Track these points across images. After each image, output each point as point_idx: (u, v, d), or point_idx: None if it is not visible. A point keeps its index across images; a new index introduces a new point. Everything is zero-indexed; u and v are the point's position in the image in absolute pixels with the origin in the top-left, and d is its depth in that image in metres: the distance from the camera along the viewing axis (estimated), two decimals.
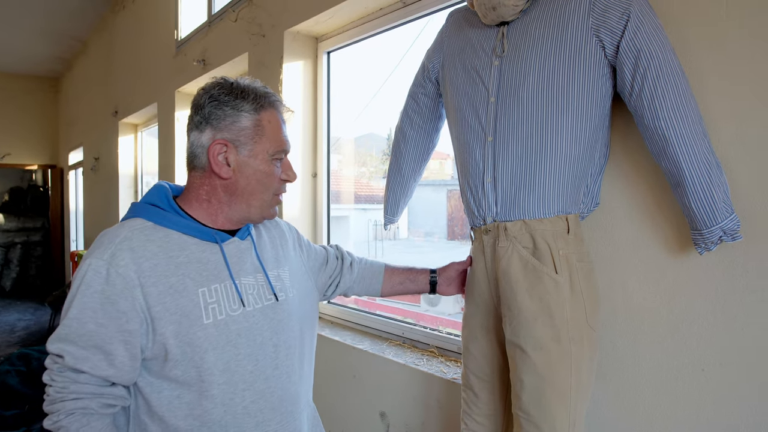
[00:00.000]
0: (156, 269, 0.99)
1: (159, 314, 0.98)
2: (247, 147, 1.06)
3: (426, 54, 1.54)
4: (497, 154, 1.24)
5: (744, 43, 1.09)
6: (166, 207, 1.06)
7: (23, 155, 8.29)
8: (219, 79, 1.09)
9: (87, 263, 0.97)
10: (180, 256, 1.02)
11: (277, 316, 1.12)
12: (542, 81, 1.19)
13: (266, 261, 1.16)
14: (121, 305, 0.96)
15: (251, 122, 1.06)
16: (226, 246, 1.08)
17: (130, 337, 0.97)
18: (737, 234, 1.06)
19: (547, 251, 1.20)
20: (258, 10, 2.76)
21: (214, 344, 1.01)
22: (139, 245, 0.99)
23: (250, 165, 1.06)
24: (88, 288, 0.96)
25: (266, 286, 1.12)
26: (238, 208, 1.09)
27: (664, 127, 1.08)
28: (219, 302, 1.04)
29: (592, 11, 1.15)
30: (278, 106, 1.11)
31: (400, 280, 1.47)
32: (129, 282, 0.96)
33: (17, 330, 6.17)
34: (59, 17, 5.74)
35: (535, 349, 1.17)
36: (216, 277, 1.05)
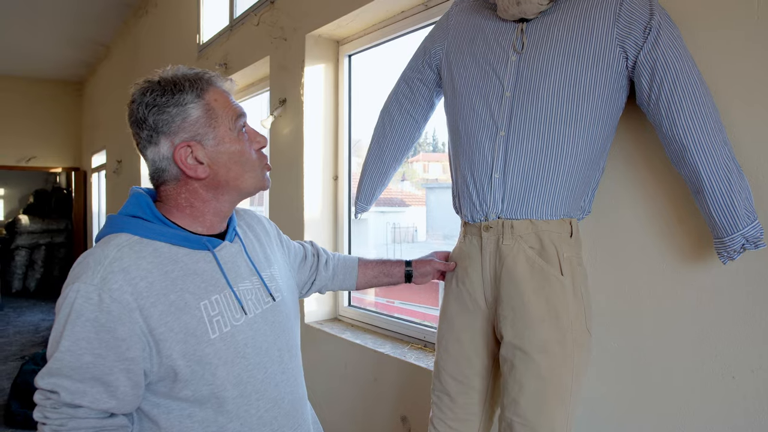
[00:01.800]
0: (153, 288, 0.91)
1: (163, 335, 0.91)
2: (210, 136, 0.99)
3: (427, 37, 1.49)
4: (509, 149, 1.22)
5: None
6: (150, 217, 0.98)
7: (48, 158, 8.45)
8: (143, 83, 1.00)
9: (74, 289, 0.88)
10: (174, 270, 0.95)
11: (276, 318, 1.09)
12: (564, 82, 1.18)
13: (258, 262, 1.11)
14: (120, 332, 0.88)
15: (201, 110, 0.98)
16: (218, 252, 1.02)
17: (131, 365, 0.90)
18: (761, 242, 1.04)
19: (554, 253, 1.19)
20: (280, 13, 2.77)
21: (224, 359, 0.96)
22: (131, 264, 0.91)
23: (221, 152, 1.00)
24: (80, 317, 0.87)
25: (262, 288, 1.08)
26: (228, 198, 1.04)
27: (681, 134, 1.07)
28: (222, 314, 0.98)
29: (618, 22, 1.14)
30: (215, 81, 1.03)
31: (374, 273, 1.45)
32: (126, 306, 0.88)
33: (41, 330, 6.29)
34: (85, 23, 5.85)
35: (540, 351, 1.16)
36: (214, 287, 0.99)
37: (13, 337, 5.93)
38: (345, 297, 2.65)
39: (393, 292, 3.08)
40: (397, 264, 1.45)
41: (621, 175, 1.31)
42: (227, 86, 1.06)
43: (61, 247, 9.22)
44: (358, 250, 2.66)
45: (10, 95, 7.98)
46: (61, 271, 9.15)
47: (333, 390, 2.39)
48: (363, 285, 1.45)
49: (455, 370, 1.32)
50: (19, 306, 7.78)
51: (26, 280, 8.94)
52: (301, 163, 2.57)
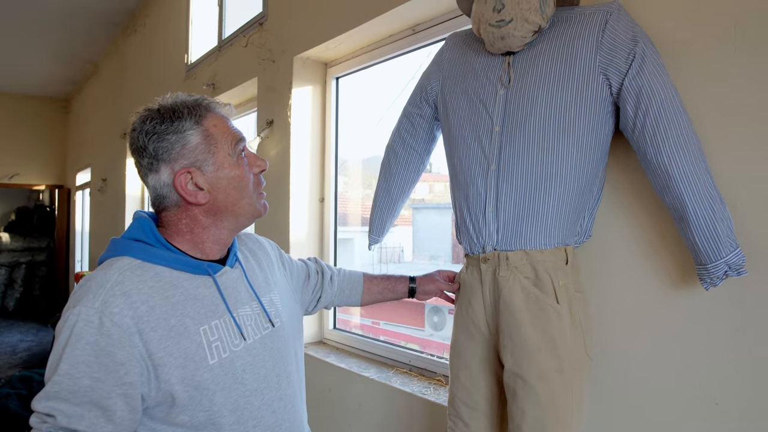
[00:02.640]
0: (153, 312, 0.91)
1: (162, 360, 0.91)
2: (209, 162, 1.00)
3: (423, 75, 1.53)
4: (500, 183, 1.24)
5: (748, 78, 1.09)
6: (153, 242, 0.99)
7: (31, 175, 8.35)
8: (143, 112, 1.01)
9: (75, 312, 0.88)
10: (175, 295, 0.95)
11: (275, 344, 1.08)
12: (549, 114, 1.19)
13: (258, 287, 1.11)
14: (119, 356, 0.88)
15: (200, 137, 0.99)
16: (219, 278, 1.03)
17: (129, 389, 0.89)
18: (742, 269, 1.05)
19: (549, 282, 1.20)
20: (268, 35, 2.79)
21: (222, 385, 0.96)
22: (132, 288, 0.91)
23: (221, 177, 1.01)
24: (80, 340, 0.86)
25: (262, 314, 1.08)
26: (226, 224, 1.05)
27: (666, 162, 1.08)
28: (221, 339, 0.98)
29: (600, 50, 1.16)
30: (214, 107, 1.04)
31: (379, 290, 1.46)
32: (126, 330, 0.88)
33: (19, 351, 6.15)
34: (73, 41, 5.84)
35: (539, 379, 1.17)
36: (214, 312, 0.99)
37: None
38: (330, 320, 2.62)
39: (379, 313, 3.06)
40: (401, 280, 1.47)
41: (607, 201, 1.32)
42: (226, 111, 1.06)
43: (42, 265, 9.07)
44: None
45: None
46: (42, 290, 8.99)
47: (317, 416, 2.34)
48: (368, 301, 1.47)
49: (466, 396, 1.34)
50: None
51: (5, 299, 8.77)
52: (287, 184, 2.56)
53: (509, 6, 1.20)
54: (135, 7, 4.98)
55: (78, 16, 5.15)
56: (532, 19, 1.19)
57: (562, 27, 1.24)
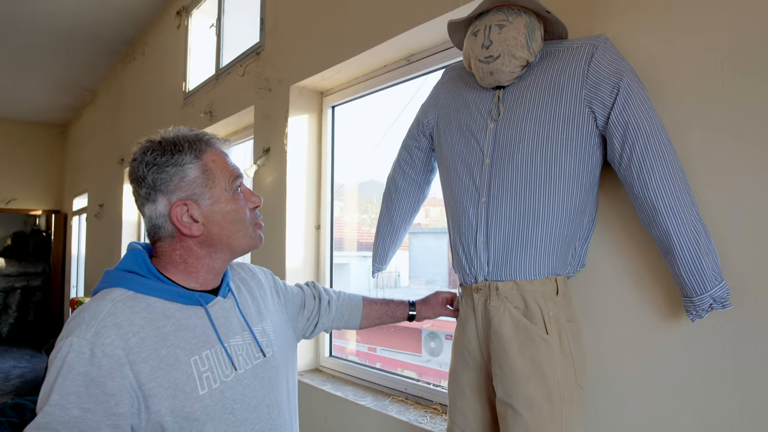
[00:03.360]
0: (144, 343, 0.92)
1: (152, 391, 0.91)
2: (206, 195, 1.02)
3: (421, 108, 1.58)
4: (490, 214, 1.26)
5: (733, 113, 1.12)
6: (146, 273, 1.00)
7: (28, 200, 8.36)
8: (145, 143, 1.05)
9: (68, 343, 0.89)
10: (166, 326, 0.96)
11: (266, 374, 1.09)
12: (536, 146, 1.22)
13: (250, 317, 1.12)
14: (109, 387, 0.88)
15: (198, 171, 1.02)
16: (210, 308, 1.04)
17: (119, 420, 0.89)
18: (727, 302, 1.07)
19: (538, 312, 1.21)
20: (265, 65, 2.84)
21: (212, 415, 0.96)
22: (124, 320, 0.92)
23: (216, 211, 1.03)
24: (71, 370, 0.87)
25: (253, 344, 1.09)
26: (221, 255, 1.06)
27: (653, 196, 1.11)
28: (212, 369, 0.99)
29: (585, 83, 1.19)
30: (214, 142, 1.07)
31: (378, 314, 1.48)
32: (117, 361, 0.89)
33: (12, 378, 6.07)
34: (73, 69, 5.90)
35: (527, 409, 1.17)
36: (205, 342, 1.00)
37: None
38: (326, 347, 2.61)
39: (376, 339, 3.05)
40: (400, 305, 1.50)
41: (597, 233, 1.33)
42: (225, 147, 1.10)
43: (37, 290, 9.01)
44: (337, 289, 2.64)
45: None
46: (36, 315, 8.91)
47: None
48: (367, 325, 1.48)
49: (463, 423, 1.35)
50: None
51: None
52: (283, 211, 2.58)
53: (497, 42, 1.23)
54: (134, 35, 5.05)
55: (78, 45, 5.22)
56: (519, 54, 1.23)
57: (551, 60, 1.27)
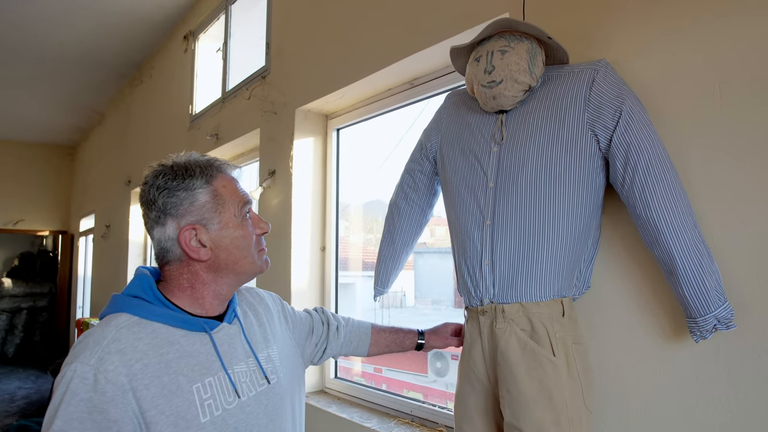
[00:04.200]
0: (147, 370, 0.92)
1: (154, 418, 0.91)
2: (215, 221, 1.03)
3: (424, 132, 1.60)
4: (495, 237, 1.27)
5: (733, 134, 1.13)
6: (151, 298, 1.01)
7: (36, 221, 8.43)
8: (157, 167, 1.06)
9: (72, 369, 0.89)
10: (170, 352, 0.96)
11: (270, 401, 1.08)
12: (539, 169, 1.24)
13: (255, 343, 1.12)
14: (112, 414, 0.88)
15: (208, 196, 1.03)
16: (215, 334, 1.04)
17: None
18: (731, 323, 1.07)
19: (545, 334, 1.21)
20: (271, 88, 2.88)
21: None
22: (127, 346, 0.93)
23: (224, 236, 1.04)
24: (74, 396, 0.87)
25: (258, 370, 1.09)
26: (227, 281, 1.07)
27: (655, 217, 1.12)
28: (214, 397, 0.99)
29: (588, 107, 1.21)
30: (225, 168, 1.09)
31: (387, 342, 1.48)
32: (120, 387, 0.89)
33: (17, 399, 6.07)
34: (83, 92, 6.01)
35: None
36: (208, 369, 1.00)
37: None
38: (332, 369, 2.61)
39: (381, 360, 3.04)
40: (409, 334, 1.49)
41: (600, 255, 1.34)
42: (236, 174, 1.11)
43: (43, 311, 9.04)
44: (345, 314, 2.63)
45: (4, 159, 8.08)
46: (42, 336, 8.93)
47: None
48: (375, 353, 1.48)
49: None
50: None
51: (5, 345, 8.70)
52: (289, 233, 2.59)
53: (499, 68, 1.25)
54: (142, 59, 5.14)
55: (87, 69, 5.31)
56: (522, 79, 1.25)
57: (553, 85, 1.29)
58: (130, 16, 4.22)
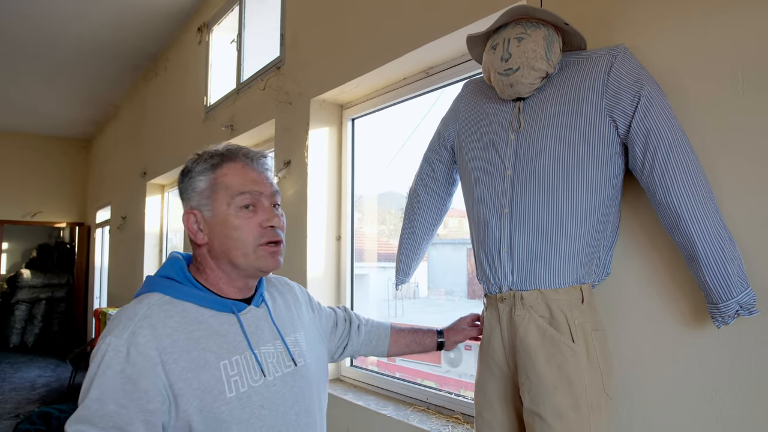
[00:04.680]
0: (176, 345, 0.97)
1: (182, 391, 0.95)
2: (208, 207, 1.07)
3: (441, 121, 1.60)
4: (513, 225, 1.27)
5: (756, 121, 1.12)
6: (182, 279, 1.06)
7: (53, 213, 8.55)
8: (193, 155, 1.12)
9: (106, 342, 0.95)
10: (199, 330, 1.01)
11: (297, 383, 1.11)
12: (557, 156, 1.23)
13: (283, 327, 1.15)
14: (142, 384, 0.93)
15: (207, 183, 1.07)
16: (242, 316, 1.08)
17: (151, 417, 0.93)
18: (754, 308, 1.07)
19: (564, 320, 1.22)
20: (285, 79, 2.89)
21: (238, 418, 0.99)
22: (158, 321, 0.98)
23: (216, 224, 1.06)
24: (108, 368, 0.93)
25: (285, 352, 1.11)
26: (228, 269, 1.08)
27: (675, 202, 1.11)
28: (241, 374, 1.02)
29: (606, 93, 1.21)
30: (240, 158, 1.10)
31: (407, 342, 1.49)
32: (150, 360, 0.94)
33: (37, 387, 6.19)
34: (99, 85, 6.07)
35: (555, 417, 1.17)
36: (236, 348, 1.04)
37: (8, 394, 5.83)
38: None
39: None
40: (428, 333, 1.49)
41: (620, 242, 1.34)
42: (259, 165, 1.12)
43: (61, 301, 9.18)
44: (359, 305, 2.67)
45: (22, 152, 8.20)
46: (61, 325, 9.07)
47: None
48: (394, 353, 1.49)
49: None
50: (15, 361, 7.68)
51: (24, 334, 8.86)
52: (305, 223, 2.61)
53: (516, 55, 1.25)
54: (156, 52, 5.17)
55: (102, 62, 5.36)
56: (539, 66, 1.25)
57: (570, 71, 1.29)
58: (144, 8, 4.25)
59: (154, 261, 5.37)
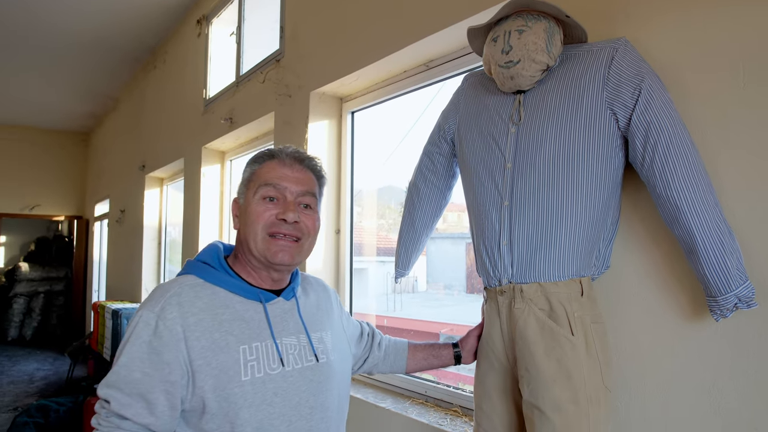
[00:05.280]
0: (200, 324, 1.04)
1: (200, 368, 1.02)
2: (243, 196, 1.18)
3: (442, 114, 1.59)
4: (513, 218, 1.27)
5: (758, 114, 1.12)
6: (216, 265, 1.14)
7: (51, 206, 8.53)
8: None
9: (139, 315, 1.04)
10: (224, 314, 1.08)
11: (316, 377, 1.14)
12: (558, 150, 1.23)
13: (310, 323, 1.19)
14: (166, 356, 1.01)
15: (248, 173, 1.19)
16: (270, 306, 1.13)
17: (171, 387, 1.01)
18: (752, 301, 1.07)
19: (563, 313, 1.22)
20: (285, 71, 2.88)
21: (250, 401, 1.03)
22: (186, 300, 1.05)
23: (243, 212, 1.16)
24: (138, 338, 1.01)
25: (308, 347, 1.15)
26: (249, 257, 1.15)
27: (675, 196, 1.11)
28: (258, 360, 1.07)
29: (606, 86, 1.20)
30: (282, 157, 1.18)
31: (424, 356, 1.50)
32: (175, 335, 1.02)
33: (36, 380, 6.19)
34: (98, 78, 6.05)
35: (554, 410, 1.17)
36: (258, 335, 1.09)
37: (6, 387, 5.83)
38: None
39: None
40: (444, 347, 1.50)
41: (619, 235, 1.34)
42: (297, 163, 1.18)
43: (59, 295, 9.18)
44: (358, 299, 2.68)
45: (20, 145, 8.18)
46: (59, 319, 9.07)
47: None
48: (413, 368, 1.50)
49: (489, 426, 1.36)
50: (14, 355, 7.68)
51: (23, 328, 8.85)
52: None
53: (517, 47, 1.25)
54: (155, 44, 5.15)
55: (101, 55, 5.34)
56: (540, 59, 1.24)
57: (571, 64, 1.28)
58: (144, 0, 4.23)
59: (152, 254, 5.37)
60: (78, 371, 6.12)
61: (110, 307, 4.77)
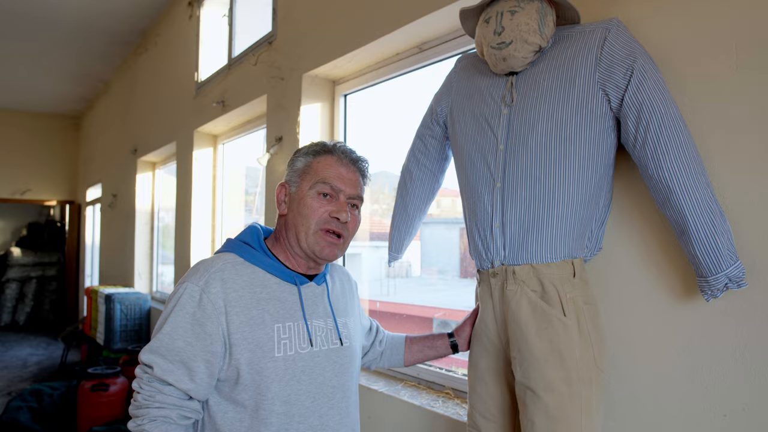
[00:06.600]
0: (240, 300, 1.11)
1: (237, 341, 1.09)
2: (296, 184, 1.21)
3: (434, 97, 1.58)
4: (506, 199, 1.27)
5: (748, 95, 1.12)
6: (257, 246, 1.20)
7: (43, 191, 8.47)
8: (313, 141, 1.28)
9: (184, 287, 1.10)
10: (262, 293, 1.14)
11: (339, 359, 1.21)
12: (550, 131, 1.23)
13: (337, 308, 1.26)
14: (208, 328, 1.08)
15: (304, 164, 1.23)
16: (303, 289, 1.20)
17: (211, 357, 1.08)
18: (742, 281, 1.08)
19: (555, 294, 1.22)
20: (277, 54, 2.85)
21: (280, 377, 1.11)
22: (229, 277, 1.12)
23: (296, 200, 1.20)
24: (183, 309, 1.08)
25: (334, 330, 1.22)
26: (293, 242, 1.20)
27: (667, 176, 1.11)
28: (291, 338, 1.14)
29: (599, 66, 1.20)
30: (339, 153, 1.23)
31: (420, 348, 1.52)
32: (217, 308, 1.08)
33: (29, 365, 6.19)
34: (87, 60, 5.97)
35: (546, 390, 1.18)
36: (291, 315, 1.16)
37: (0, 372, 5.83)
38: None
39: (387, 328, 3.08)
40: (439, 337, 1.53)
41: (612, 217, 1.34)
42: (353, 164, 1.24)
43: (52, 280, 9.15)
44: None
45: (10, 129, 8.09)
46: (52, 304, 9.06)
47: None
48: (410, 361, 1.54)
49: (482, 407, 1.37)
50: (7, 340, 7.68)
51: (16, 313, 8.84)
52: None
53: (509, 28, 1.23)
54: (146, 27, 5.08)
55: (91, 37, 5.26)
56: (532, 40, 1.23)
57: (563, 45, 1.28)
58: None
59: (145, 239, 5.35)
60: (71, 356, 6.13)
61: (103, 291, 4.76)
